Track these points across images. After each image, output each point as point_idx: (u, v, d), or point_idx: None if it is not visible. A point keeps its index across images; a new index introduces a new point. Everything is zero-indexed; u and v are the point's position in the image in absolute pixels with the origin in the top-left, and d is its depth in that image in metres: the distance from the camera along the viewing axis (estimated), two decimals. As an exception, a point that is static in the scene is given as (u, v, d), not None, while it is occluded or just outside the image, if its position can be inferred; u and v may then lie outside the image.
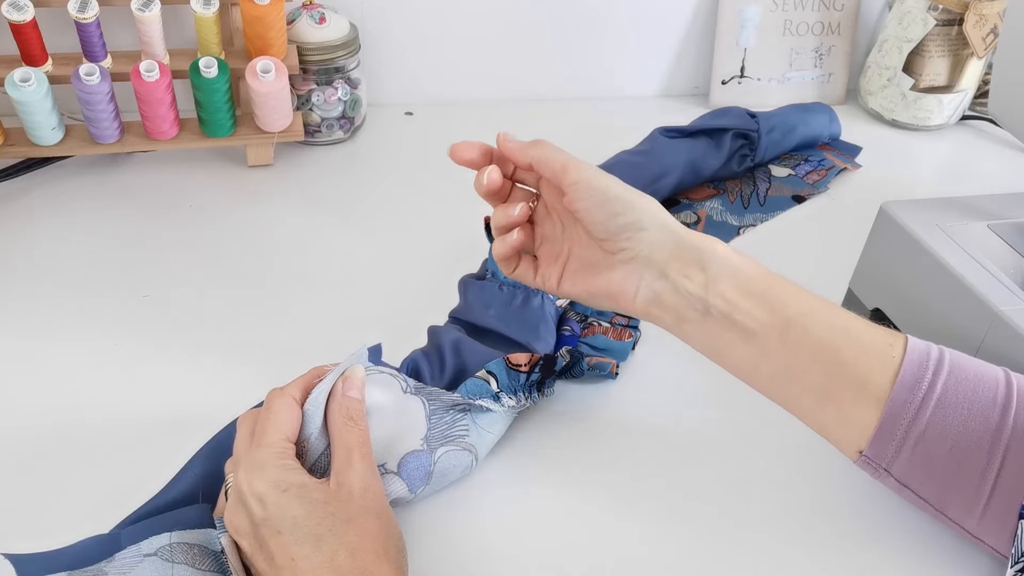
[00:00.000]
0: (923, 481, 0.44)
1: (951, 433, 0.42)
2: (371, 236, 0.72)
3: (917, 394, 0.42)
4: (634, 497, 0.51)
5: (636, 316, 0.49)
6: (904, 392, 0.43)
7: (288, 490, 0.41)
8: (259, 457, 0.42)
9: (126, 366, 0.58)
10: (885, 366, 0.43)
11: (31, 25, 0.71)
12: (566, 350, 0.56)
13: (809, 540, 0.49)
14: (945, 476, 0.43)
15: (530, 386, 0.54)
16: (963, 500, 0.43)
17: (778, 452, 0.54)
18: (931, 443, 0.43)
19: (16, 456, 0.51)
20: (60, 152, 0.74)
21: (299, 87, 0.81)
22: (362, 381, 0.47)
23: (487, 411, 0.51)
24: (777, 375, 0.45)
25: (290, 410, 0.45)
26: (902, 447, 0.43)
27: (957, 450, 0.42)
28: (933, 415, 0.42)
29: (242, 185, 0.78)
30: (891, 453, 0.43)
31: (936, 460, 0.43)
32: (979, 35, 0.87)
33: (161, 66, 0.71)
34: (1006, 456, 0.42)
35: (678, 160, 0.75)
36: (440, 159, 0.84)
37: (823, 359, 0.44)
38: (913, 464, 0.43)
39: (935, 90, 0.92)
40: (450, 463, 0.49)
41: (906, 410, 0.42)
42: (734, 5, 0.92)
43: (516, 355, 0.54)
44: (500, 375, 0.52)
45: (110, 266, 0.67)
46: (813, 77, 0.97)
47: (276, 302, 0.65)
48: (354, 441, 0.44)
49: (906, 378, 0.43)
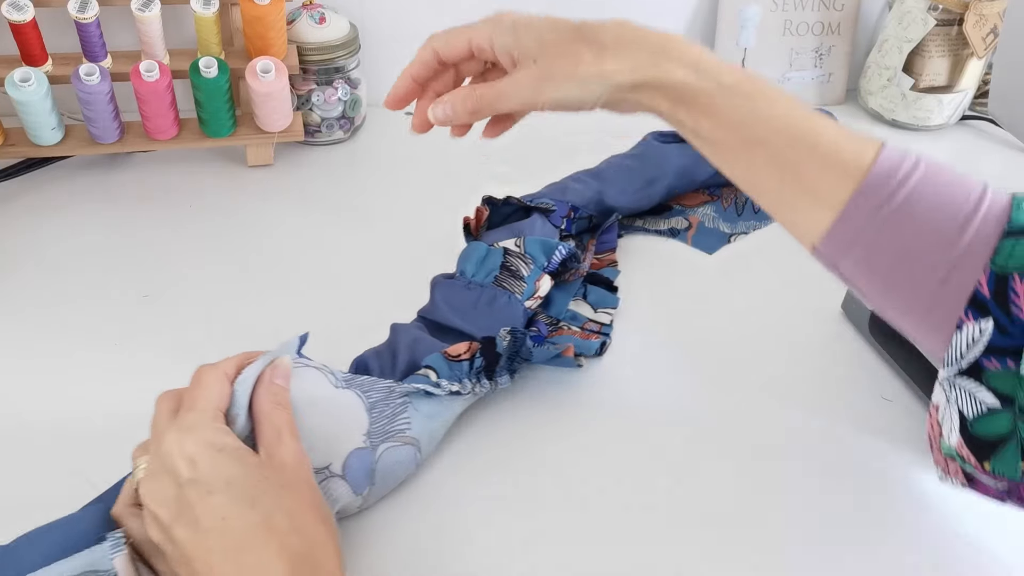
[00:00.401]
0: (870, 283, 0.43)
1: (902, 243, 0.41)
2: (371, 236, 0.72)
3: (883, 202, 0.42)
4: (607, 490, 0.51)
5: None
6: (868, 198, 0.42)
7: (223, 450, 0.40)
8: (191, 419, 0.41)
9: (126, 366, 0.58)
10: (850, 180, 0.42)
11: (31, 25, 0.71)
12: (506, 331, 0.54)
13: (798, 533, 0.49)
14: (890, 281, 0.42)
15: (476, 373, 0.53)
16: (906, 305, 0.42)
17: (764, 445, 0.54)
18: (882, 249, 0.42)
19: (16, 456, 0.51)
20: (60, 152, 0.74)
21: (299, 87, 0.81)
22: (288, 370, 0.46)
23: (428, 396, 0.51)
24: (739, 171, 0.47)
25: (222, 383, 0.44)
26: (851, 248, 0.42)
27: (906, 258, 0.41)
28: (890, 221, 0.41)
29: (242, 185, 0.78)
30: (843, 252, 0.43)
31: (883, 267, 0.42)
32: (979, 35, 0.87)
33: (161, 66, 0.71)
34: (953, 270, 0.40)
35: (670, 165, 0.74)
36: (440, 159, 0.84)
37: (779, 175, 0.44)
38: (859, 268, 0.43)
39: (935, 90, 0.92)
40: (392, 459, 0.48)
41: (868, 210, 0.42)
42: (734, 5, 0.92)
43: (454, 346, 0.53)
44: (440, 368, 0.52)
45: (110, 266, 0.67)
46: (813, 77, 0.97)
47: (276, 302, 0.65)
48: (283, 422, 0.43)
49: (869, 188, 0.42)
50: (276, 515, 0.38)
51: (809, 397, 0.58)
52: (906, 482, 0.53)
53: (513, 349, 0.54)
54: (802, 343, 0.63)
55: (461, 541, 0.48)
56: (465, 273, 0.60)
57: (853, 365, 0.61)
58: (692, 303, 0.66)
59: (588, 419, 0.56)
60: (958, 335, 0.41)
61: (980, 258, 0.40)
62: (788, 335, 0.64)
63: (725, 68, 0.46)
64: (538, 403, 0.57)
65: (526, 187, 0.72)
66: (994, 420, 0.40)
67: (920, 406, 0.58)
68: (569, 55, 0.47)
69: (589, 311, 0.64)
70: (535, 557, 0.48)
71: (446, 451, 0.53)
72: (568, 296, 0.64)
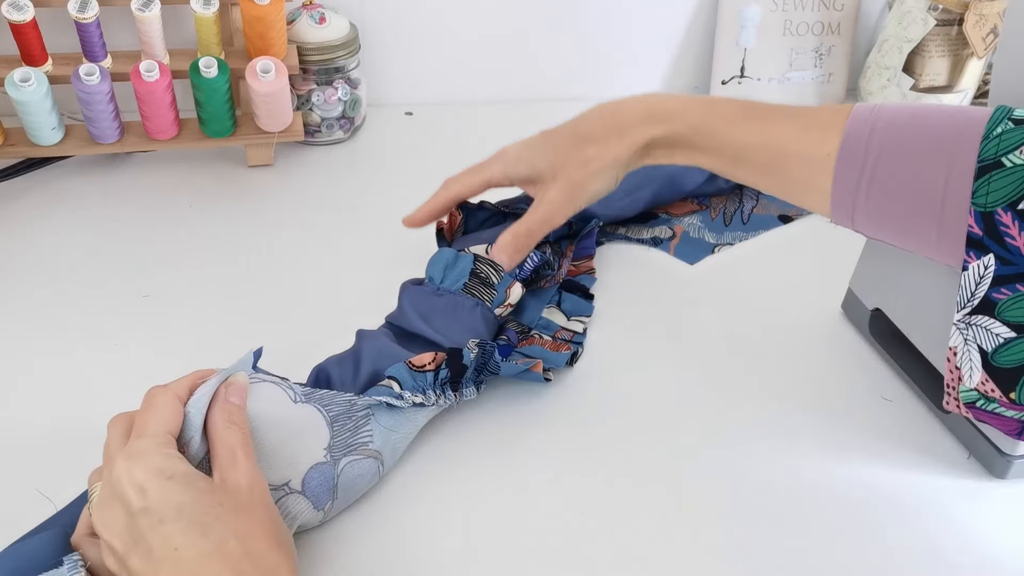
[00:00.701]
0: (886, 237, 0.49)
1: (891, 205, 0.47)
2: (371, 236, 0.72)
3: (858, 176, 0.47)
4: (573, 496, 0.51)
5: None
6: (845, 176, 0.48)
7: (173, 477, 0.39)
8: (140, 445, 0.40)
9: (126, 366, 0.58)
10: (823, 167, 0.48)
11: (31, 25, 0.71)
12: (474, 343, 0.52)
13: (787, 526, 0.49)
14: (898, 235, 0.48)
15: (441, 385, 0.52)
16: (926, 252, 0.47)
17: (763, 445, 0.54)
18: (878, 211, 0.47)
19: (16, 455, 0.51)
20: (60, 152, 0.74)
21: (299, 87, 0.81)
22: (244, 387, 0.45)
23: (391, 409, 0.49)
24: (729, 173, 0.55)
25: (173, 405, 0.43)
26: (854, 211, 0.48)
27: (901, 217, 0.47)
28: (871, 190, 0.47)
29: (242, 185, 0.78)
30: (848, 215, 0.49)
31: (887, 225, 0.48)
32: (979, 35, 0.87)
33: (161, 66, 0.71)
34: (943, 221, 0.45)
35: (657, 172, 0.73)
36: (440, 159, 0.84)
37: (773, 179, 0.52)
38: (869, 228, 0.49)
39: (935, 90, 0.92)
40: (354, 473, 0.47)
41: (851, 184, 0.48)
42: (734, 5, 0.92)
43: (419, 356, 0.51)
44: (403, 379, 0.50)
45: (110, 266, 0.67)
46: (813, 77, 0.97)
47: (276, 302, 0.65)
48: (237, 441, 0.42)
49: (842, 169, 0.48)
50: (229, 541, 0.37)
51: (809, 397, 0.58)
52: (906, 482, 0.53)
53: (481, 361, 0.53)
54: (802, 343, 0.63)
55: (425, 552, 0.47)
56: (433, 279, 0.59)
57: (853, 365, 0.61)
58: (680, 306, 0.66)
59: (557, 428, 0.55)
60: (965, 275, 0.44)
61: (962, 203, 0.44)
62: (788, 335, 0.64)
63: (696, 108, 0.54)
64: (505, 413, 0.56)
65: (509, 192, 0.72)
66: (1013, 349, 0.42)
67: (920, 406, 0.58)
68: (579, 161, 0.56)
69: (563, 319, 0.63)
70: (501, 567, 0.47)
71: (409, 460, 0.52)
72: (542, 303, 0.63)
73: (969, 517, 0.51)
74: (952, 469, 0.54)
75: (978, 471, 0.54)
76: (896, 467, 0.54)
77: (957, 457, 0.55)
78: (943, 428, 0.56)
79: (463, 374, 0.52)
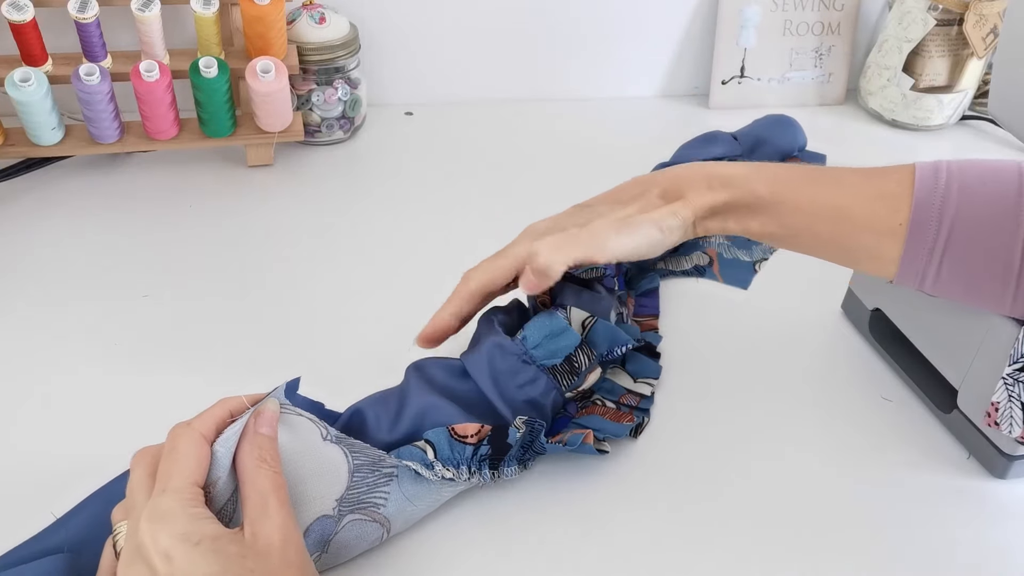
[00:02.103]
0: (953, 297, 0.48)
1: (964, 267, 0.46)
2: (371, 236, 0.72)
3: (931, 246, 0.46)
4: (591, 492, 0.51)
5: None
6: (917, 246, 0.47)
7: (201, 543, 0.36)
8: (164, 505, 0.37)
9: (125, 366, 0.58)
10: (894, 236, 0.47)
11: (31, 25, 0.71)
12: (521, 420, 0.48)
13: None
14: (971, 286, 0.47)
15: (479, 461, 0.47)
16: (993, 308, 0.47)
17: (763, 445, 0.54)
18: (949, 275, 0.47)
19: (16, 455, 0.51)
20: (60, 152, 0.74)
21: (299, 87, 0.81)
22: (275, 417, 0.43)
23: (417, 477, 0.46)
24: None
25: (199, 449, 0.40)
26: (924, 278, 0.47)
27: (972, 278, 0.46)
28: (944, 258, 0.46)
29: (242, 185, 0.78)
30: (917, 281, 0.48)
31: (957, 286, 0.47)
32: (979, 35, 0.87)
33: (161, 66, 0.71)
34: (1017, 284, 0.45)
35: None
36: (440, 159, 0.84)
37: (834, 247, 0.50)
38: (937, 289, 0.48)
39: (935, 90, 0.92)
40: (353, 534, 0.44)
41: (922, 254, 0.47)
42: (734, 5, 0.92)
43: (462, 425, 0.47)
44: (440, 445, 0.46)
45: (110, 266, 0.67)
46: (813, 77, 0.97)
47: (276, 302, 0.65)
48: (268, 486, 0.39)
49: (913, 240, 0.46)
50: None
51: (809, 397, 0.58)
52: (906, 482, 0.53)
53: (528, 440, 0.49)
54: (802, 343, 0.63)
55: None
56: (527, 340, 0.51)
57: (853, 365, 0.61)
58: (689, 301, 0.66)
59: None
60: (1022, 332, 0.44)
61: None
62: (788, 335, 0.64)
63: (760, 175, 0.50)
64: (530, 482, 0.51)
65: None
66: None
67: (920, 406, 0.58)
68: (613, 217, 0.51)
69: (628, 381, 0.57)
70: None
71: (425, 524, 0.48)
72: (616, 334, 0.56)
73: (969, 517, 0.51)
74: (952, 469, 0.54)
75: (978, 471, 0.54)
76: (896, 467, 0.54)
77: (957, 457, 0.55)
78: (943, 428, 0.56)
79: (506, 453, 0.48)
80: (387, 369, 0.56)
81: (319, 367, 0.58)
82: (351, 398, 0.51)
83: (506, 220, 0.74)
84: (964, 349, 0.53)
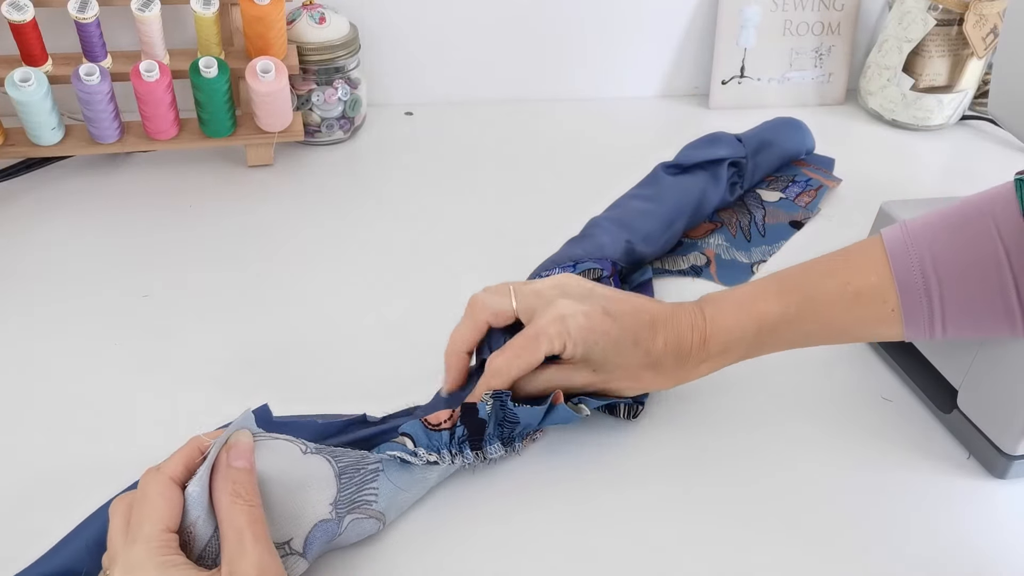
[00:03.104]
0: (964, 336, 0.50)
1: (966, 307, 0.48)
2: (371, 236, 0.72)
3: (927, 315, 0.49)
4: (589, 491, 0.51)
5: None
6: (915, 318, 0.49)
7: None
8: (135, 556, 0.37)
9: (125, 366, 0.58)
10: (891, 321, 0.50)
11: (31, 25, 0.71)
12: (487, 395, 0.49)
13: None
14: (980, 328, 0.49)
15: (459, 443, 0.49)
16: (1005, 331, 0.48)
17: (763, 445, 0.54)
18: (957, 328, 0.49)
19: (16, 455, 0.51)
20: (60, 152, 0.74)
21: (299, 87, 0.81)
22: (249, 448, 0.42)
23: (404, 465, 0.47)
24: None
25: (168, 493, 0.39)
26: (932, 336, 0.49)
27: (979, 327, 0.48)
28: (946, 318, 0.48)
29: (242, 185, 0.78)
30: (926, 339, 0.50)
31: (966, 333, 0.49)
32: (979, 35, 0.87)
33: (161, 66, 0.71)
34: (1016, 279, 0.46)
35: (687, 201, 0.71)
36: (440, 159, 0.84)
37: (838, 341, 0.54)
38: (948, 338, 0.50)
39: (935, 90, 0.92)
40: (355, 532, 0.45)
41: (923, 323, 0.49)
42: (734, 5, 0.92)
43: (434, 414, 0.49)
44: (418, 436, 0.48)
45: (110, 266, 0.67)
46: (813, 77, 0.97)
47: (276, 302, 0.65)
48: (244, 521, 0.39)
49: (910, 315, 0.49)
50: None
51: (809, 397, 0.58)
52: (906, 482, 0.53)
53: (500, 414, 0.50)
54: (802, 343, 0.63)
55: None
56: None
57: (853, 365, 0.61)
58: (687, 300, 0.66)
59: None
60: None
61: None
62: (788, 335, 0.63)
63: (748, 326, 0.52)
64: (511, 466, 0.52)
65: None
66: None
67: (920, 406, 0.58)
68: (627, 375, 0.52)
69: None
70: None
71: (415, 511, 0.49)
72: None
73: (969, 517, 0.51)
74: (952, 469, 0.54)
75: (978, 471, 0.54)
76: (896, 467, 0.54)
77: (957, 457, 0.55)
78: (943, 428, 0.56)
79: (483, 431, 0.49)
80: (386, 369, 0.56)
81: (318, 367, 0.58)
82: (350, 398, 0.52)
83: (506, 220, 0.75)
84: (964, 349, 0.53)
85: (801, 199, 0.78)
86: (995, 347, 0.50)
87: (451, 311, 0.58)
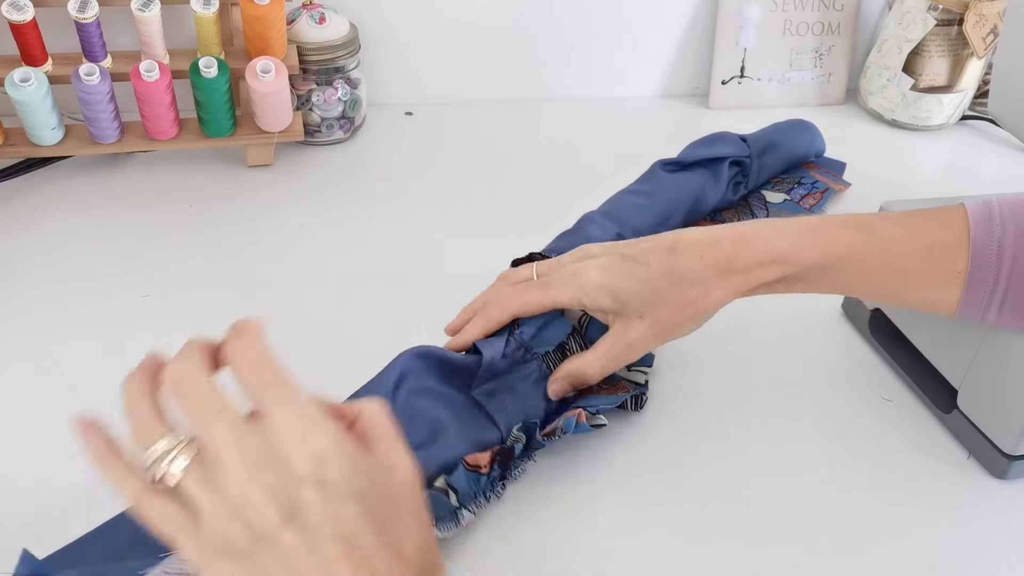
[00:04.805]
0: (1016, 324, 0.48)
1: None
2: (371, 236, 0.72)
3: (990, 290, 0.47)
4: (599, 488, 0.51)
5: None
6: (977, 290, 0.47)
7: (353, 458, 0.33)
8: (311, 410, 0.34)
9: (126, 366, 0.58)
10: (954, 284, 0.48)
11: (31, 25, 0.71)
12: (517, 428, 0.51)
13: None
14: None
15: (492, 482, 0.49)
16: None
17: (763, 445, 0.54)
18: (1011, 310, 0.47)
19: (16, 455, 0.51)
20: (60, 152, 0.74)
21: (299, 87, 0.81)
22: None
23: (440, 514, 0.46)
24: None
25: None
26: (986, 316, 0.48)
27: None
28: (1007, 298, 0.47)
29: (242, 185, 0.78)
30: (978, 318, 0.48)
31: (1020, 318, 0.47)
32: (979, 35, 0.87)
33: (161, 66, 0.71)
34: None
35: (683, 197, 0.71)
36: (440, 159, 0.84)
37: (889, 298, 0.53)
38: (1003, 318, 0.48)
39: (935, 90, 0.92)
40: None
41: (982, 298, 0.48)
42: (734, 5, 0.92)
43: (474, 456, 0.49)
44: (460, 485, 0.47)
45: (110, 266, 0.67)
46: (813, 77, 0.97)
47: (276, 302, 0.65)
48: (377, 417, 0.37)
49: (973, 285, 0.47)
50: (406, 542, 0.33)
51: (809, 397, 0.58)
52: (905, 482, 0.53)
53: (528, 446, 0.51)
54: (802, 343, 0.63)
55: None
56: (524, 333, 0.54)
57: (853, 365, 0.61)
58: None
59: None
60: None
61: None
62: (788, 335, 0.64)
63: (810, 243, 0.49)
64: None
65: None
66: None
67: (920, 406, 0.58)
68: (676, 304, 0.50)
69: (623, 369, 0.57)
70: None
71: None
72: None
73: (969, 517, 0.51)
74: (952, 469, 0.54)
75: (978, 471, 0.54)
76: (896, 467, 0.54)
77: (957, 457, 0.55)
78: (943, 428, 0.56)
79: (512, 461, 0.50)
80: (387, 369, 0.56)
81: (318, 366, 0.58)
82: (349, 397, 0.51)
83: (506, 220, 0.75)
84: (964, 349, 0.53)
85: (806, 201, 0.78)
86: (995, 347, 0.50)
87: (451, 311, 0.58)
